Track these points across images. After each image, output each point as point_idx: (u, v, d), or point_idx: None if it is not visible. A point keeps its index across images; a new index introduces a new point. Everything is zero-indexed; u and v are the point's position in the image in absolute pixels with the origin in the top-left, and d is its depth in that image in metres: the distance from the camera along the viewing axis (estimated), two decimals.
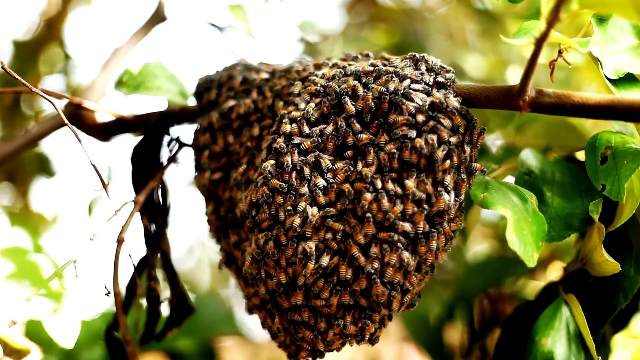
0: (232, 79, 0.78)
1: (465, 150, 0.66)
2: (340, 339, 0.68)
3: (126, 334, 0.73)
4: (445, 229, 0.65)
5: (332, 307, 0.66)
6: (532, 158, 0.76)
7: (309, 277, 0.65)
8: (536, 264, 0.64)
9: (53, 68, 1.62)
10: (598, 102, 0.65)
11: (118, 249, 0.75)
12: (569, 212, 0.71)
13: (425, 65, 0.69)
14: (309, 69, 0.74)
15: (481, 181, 0.69)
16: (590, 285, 0.77)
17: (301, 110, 0.69)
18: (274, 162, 0.67)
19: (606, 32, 0.71)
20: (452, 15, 1.68)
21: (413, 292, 0.67)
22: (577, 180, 0.75)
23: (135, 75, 0.77)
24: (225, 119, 0.76)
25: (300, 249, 0.65)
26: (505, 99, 0.67)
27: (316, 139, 0.67)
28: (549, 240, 0.69)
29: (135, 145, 0.83)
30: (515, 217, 0.64)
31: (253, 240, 0.68)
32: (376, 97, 0.67)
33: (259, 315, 0.73)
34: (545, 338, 0.72)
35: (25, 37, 1.59)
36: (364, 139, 0.66)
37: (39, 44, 1.60)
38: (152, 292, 0.80)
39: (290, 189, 0.66)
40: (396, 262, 0.64)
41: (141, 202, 0.78)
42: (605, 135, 0.72)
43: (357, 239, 0.65)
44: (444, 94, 0.66)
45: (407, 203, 0.64)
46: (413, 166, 0.65)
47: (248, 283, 0.73)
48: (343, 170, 0.66)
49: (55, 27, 1.62)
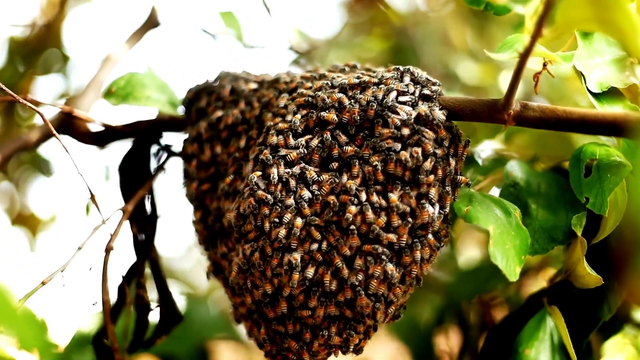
0: (221, 89, 0.78)
1: (450, 163, 0.66)
2: (325, 350, 0.69)
3: (114, 342, 0.74)
4: (429, 240, 0.65)
5: (318, 318, 0.67)
6: (518, 169, 0.76)
7: (295, 288, 0.65)
8: (518, 277, 0.64)
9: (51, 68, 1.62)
10: (582, 117, 0.65)
11: (106, 258, 0.76)
12: (553, 224, 0.71)
13: (411, 77, 0.69)
14: (296, 80, 0.75)
15: (465, 194, 0.69)
16: (575, 295, 0.77)
17: (288, 122, 0.69)
18: (261, 174, 0.68)
19: (591, 45, 0.71)
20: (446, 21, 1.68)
21: (397, 303, 0.68)
22: (562, 192, 0.75)
23: (124, 84, 0.78)
24: (213, 129, 0.77)
25: (286, 260, 0.65)
26: (490, 112, 0.67)
27: (302, 150, 0.67)
28: (532, 253, 0.70)
29: (124, 155, 0.83)
30: (498, 231, 0.65)
31: (240, 251, 0.69)
32: (362, 110, 0.67)
33: (246, 325, 0.73)
34: (528, 349, 0.73)
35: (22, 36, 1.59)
36: (349, 152, 0.67)
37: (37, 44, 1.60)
38: (140, 300, 0.80)
39: (276, 201, 0.66)
40: (380, 274, 0.64)
41: (130, 210, 0.79)
42: (590, 147, 0.72)
43: (342, 250, 0.65)
44: (429, 107, 0.67)
45: (391, 215, 0.64)
46: (398, 179, 0.65)
47: (235, 293, 0.73)
48: (328, 182, 0.66)
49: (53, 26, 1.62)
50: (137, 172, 0.83)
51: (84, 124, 0.91)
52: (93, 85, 1.01)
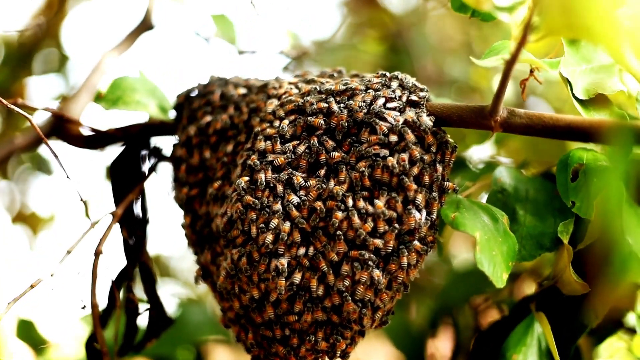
0: (211, 95, 0.79)
1: (437, 169, 0.66)
2: (312, 355, 0.69)
3: (103, 346, 0.74)
4: (415, 246, 0.66)
5: (305, 323, 0.67)
6: (507, 175, 0.76)
7: (282, 294, 0.66)
8: (505, 284, 0.65)
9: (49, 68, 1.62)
10: (568, 124, 0.65)
11: (96, 262, 0.76)
12: (541, 231, 0.72)
13: (399, 83, 0.69)
14: (285, 85, 0.75)
15: (453, 200, 0.70)
16: (562, 301, 0.77)
17: (275, 127, 0.69)
18: (248, 179, 0.68)
19: (578, 51, 0.71)
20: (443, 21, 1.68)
21: (384, 309, 0.68)
22: (551, 199, 0.75)
23: (114, 89, 0.78)
24: (202, 134, 0.77)
25: (273, 265, 0.66)
26: (478, 118, 0.67)
27: (290, 155, 0.68)
28: (520, 259, 0.70)
29: (114, 159, 0.84)
30: (485, 238, 0.65)
31: (228, 256, 0.69)
32: (350, 116, 0.67)
33: (234, 329, 0.74)
34: (516, 354, 0.73)
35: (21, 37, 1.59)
36: (336, 157, 0.67)
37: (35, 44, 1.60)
38: (130, 304, 0.81)
39: (264, 206, 0.66)
40: (367, 280, 0.64)
41: (119, 214, 0.79)
42: (578, 152, 0.72)
43: (329, 256, 0.65)
44: (416, 113, 0.67)
45: (378, 221, 0.64)
46: (384, 185, 0.65)
47: (223, 298, 0.73)
48: (315, 188, 0.66)
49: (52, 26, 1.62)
50: (128, 175, 0.83)
51: (75, 127, 0.92)
52: (86, 88, 1.01)
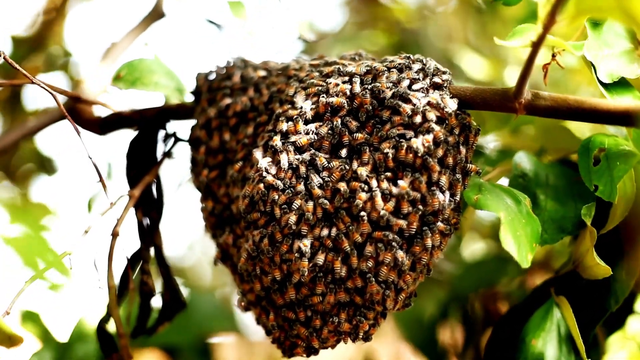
0: (230, 76, 0.78)
1: (460, 151, 0.66)
2: (334, 336, 0.69)
3: (119, 328, 0.74)
4: (439, 228, 0.65)
5: (327, 305, 0.67)
6: (526, 161, 0.76)
7: (305, 275, 0.65)
8: (530, 264, 0.64)
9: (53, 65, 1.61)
10: (593, 106, 0.65)
11: (112, 243, 0.76)
12: (562, 215, 0.72)
13: (422, 66, 0.69)
14: (306, 67, 0.74)
15: (475, 183, 0.69)
16: (582, 287, 0.77)
17: (298, 108, 0.69)
18: (270, 160, 0.67)
19: (600, 36, 0.71)
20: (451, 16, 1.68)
21: (408, 291, 0.68)
22: (570, 184, 0.75)
23: (132, 70, 0.77)
24: (222, 116, 0.77)
25: (296, 246, 0.65)
26: (501, 101, 0.67)
27: (312, 136, 0.67)
28: (542, 243, 0.69)
29: (131, 140, 0.83)
30: (509, 218, 0.65)
31: (249, 237, 0.68)
32: (373, 97, 0.67)
33: (254, 312, 0.73)
34: (535, 339, 0.73)
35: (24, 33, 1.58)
36: (359, 138, 0.66)
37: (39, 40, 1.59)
38: (144, 286, 0.80)
39: (286, 187, 0.66)
40: (390, 261, 0.64)
41: (136, 196, 0.78)
42: (599, 137, 0.72)
43: (353, 237, 0.65)
44: (440, 95, 0.67)
45: (402, 202, 0.64)
46: (408, 166, 0.65)
47: (243, 279, 0.73)
48: (338, 169, 0.66)
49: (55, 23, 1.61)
50: (144, 158, 0.82)
51: (89, 111, 0.91)
52: (98, 74, 1.01)
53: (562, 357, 0.73)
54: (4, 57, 0.70)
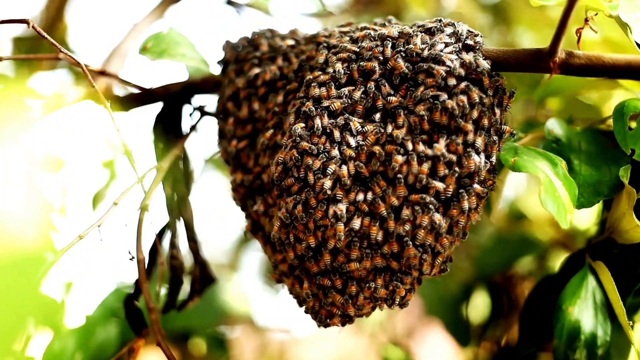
0: (258, 46, 0.77)
1: (495, 113, 0.66)
2: (370, 303, 0.68)
3: (149, 301, 0.73)
4: (476, 190, 0.64)
5: (363, 271, 0.66)
6: (558, 127, 0.76)
7: (341, 240, 0.64)
8: (569, 226, 0.64)
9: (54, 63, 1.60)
10: (629, 63, 0.65)
11: (141, 216, 0.75)
12: (598, 179, 0.71)
13: (454, 29, 0.69)
14: (336, 34, 0.74)
15: (511, 146, 0.69)
16: (615, 255, 0.76)
17: (329, 73, 0.68)
18: (304, 125, 0.67)
19: None
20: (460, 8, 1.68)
21: (444, 254, 0.67)
22: (602, 149, 0.74)
23: (159, 41, 0.77)
24: (250, 86, 0.76)
25: (331, 211, 0.64)
26: (536, 61, 0.67)
27: (345, 100, 0.67)
28: (579, 206, 0.69)
29: (157, 114, 0.82)
30: (547, 180, 0.64)
31: (282, 204, 0.67)
32: (406, 60, 0.66)
33: (287, 282, 0.72)
34: (572, 307, 0.72)
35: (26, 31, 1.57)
36: (393, 102, 0.66)
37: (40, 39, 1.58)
38: (174, 260, 0.79)
39: (320, 152, 0.65)
40: (427, 224, 0.63)
41: (165, 169, 0.77)
42: (633, 102, 0.72)
43: (389, 201, 0.64)
44: (473, 56, 0.66)
45: (438, 165, 0.63)
46: (444, 128, 0.64)
47: (276, 250, 0.72)
48: (373, 132, 0.65)
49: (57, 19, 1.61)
50: (170, 132, 0.82)
51: (110, 89, 0.90)
52: (117, 54, 1.00)
53: (598, 324, 0.72)
54: (32, 26, 0.69)
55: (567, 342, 0.72)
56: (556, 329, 0.73)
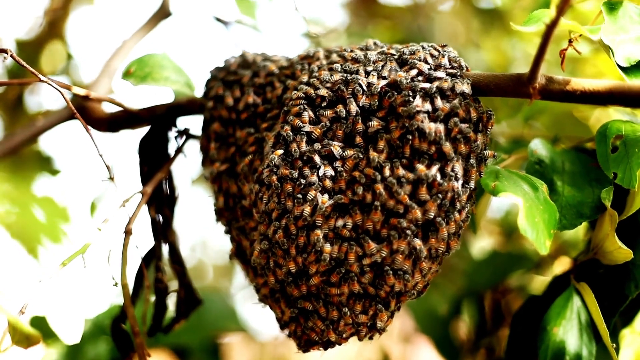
0: (242, 70, 0.78)
1: (476, 138, 0.66)
2: (352, 329, 0.68)
3: (134, 326, 0.73)
4: (455, 217, 0.64)
5: (343, 297, 0.66)
6: (542, 148, 0.76)
7: (321, 266, 0.64)
8: (548, 251, 0.64)
9: (55, 68, 1.61)
10: (608, 89, 0.65)
11: (126, 240, 0.75)
12: (580, 200, 0.71)
13: (435, 52, 0.69)
14: (319, 58, 0.74)
15: (492, 170, 0.69)
16: (600, 276, 0.76)
17: (310, 98, 0.68)
18: (282, 152, 0.67)
19: (616, 21, 0.71)
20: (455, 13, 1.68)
21: (424, 280, 0.67)
22: (586, 170, 0.74)
23: (142, 65, 0.77)
24: (234, 109, 0.76)
25: (312, 237, 0.64)
26: (515, 86, 0.67)
27: (325, 124, 0.67)
28: (561, 228, 0.69)
29: (142, 137, 0.83)
30: (527, 205, 0.64)
31: (262, 230, 0.68)
32: (387, 85, 0.66)
33: (269, 306, 0.72)
34: (557, 327, 0.72)
35: (27, 36, 1.58)
36: (374, 126, 0.66)
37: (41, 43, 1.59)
38: (159, 283, 0.79)
39: (300, 178, 0.65)
40: (405, 249, 0.63)
41: (149, 193, 0.78)
42: (616, 124, 0.71)
43: (367, 225, 0.64)
44: (453, 81, 0.66)
45: (419, 189, 0.63)
46: (423, 153, 0.64)
47: (257, 273, 0.72)
48: (352, 157, 0.65)
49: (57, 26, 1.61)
50: (155, 154, 0.82)
51: (97, 109, 0.91)
52: (105, 72, 1.01)
53: (583, 345, 0.72)
54: (11, 54, 0.69)
55: None
56: (541, 350, 0.73)
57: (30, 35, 1.58)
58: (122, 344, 0.79)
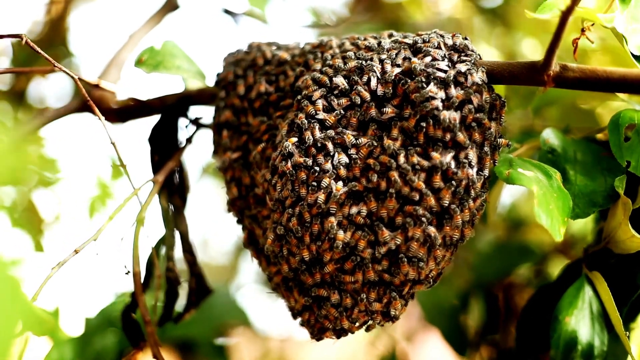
0: (255, 58, 0.78)
1: (490, 126, 0.66)
2: (365, 316, 0.68)
3: (145, 315, 0.73)
4: (469, 204, 0.64)
5: (357, 284, 0.66)
6: (554, 137, 0.76)
7: (335, 253, 0.64)
8: (562, 238, 0.64)
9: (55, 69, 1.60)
10: (622, 76, 0.65)
11: (137, 229, 0.75)
12: (593, 189, 0.71)
13: (449, 41, 0.69)
14: (333, 46, 0.74)
15: (505, 158, 0.69)
16: (612, 265, 0.76)
17: (324, 86, 0.68)
18: (296, 140, 0.66)
19: (629, 10, 0.71)
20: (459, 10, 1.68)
21: (438, 268, 0.67)
22: (598, 159, 0.74)
23: (154, 54, 0.77)
24: (246, 98, 0.76)
25: (326, 225, 0.64)
26: (530, 74, 0.67)
27: (339, 112, 0.67)
28: (574, 217, 0.69)
29: (153, 126, 0.82)
30: (541, 192, 0.64)
31: (276, 217, 0.67)
32: (401, 73, 0.66)
33: (282, 294, 0.72)
34: (569, 317, 0.72)
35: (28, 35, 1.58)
36: (388, 114, 0.66)
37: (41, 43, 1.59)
38: (170, 272, 0.79)
39: (314, 165, 0.65)
40: (420, 236, 0.63)
41: (160, 182, 0.77)
42: (628, 113, 0.71)
43: (382, 213, 0.64)
44: (467, 70, 0.66)
45: (433, 177, 0.63)
46: (438, 141, 0.64)
47: (270, 262, 0.72)
48: (366, 145, 0.65)
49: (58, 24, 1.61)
50: (166, 144, 0.82)
51: (107, 100, 0.90)
52: (114, 64, 1.00)
53: (595, 334, 0.72)
54: (25, 40, 0.69)
55: (564, 352, 0.72)
56: (553, 339, 0.72)
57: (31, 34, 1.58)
58: (133, 333, 0.78)
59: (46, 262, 1.02)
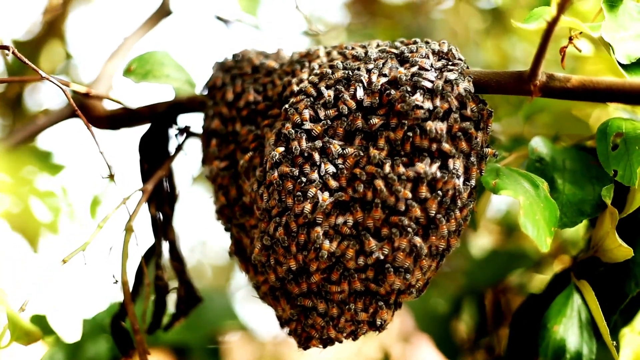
0: (243, 67, 0.78)
1: (476, 135, 0.66)
2: (352, 326, 0.68)
3: (134, 323, 0.73)
4: (456, 214, 0.64)
5: (343, 294, 0.66)
6: (543, 145, 0.76)
7: (321, 263, 0.64)
8: (549, 249, 0.64)
9: (54, 67, 1.61)
10: (608, 86, 0.65)
11: (126, 238, 0.75)
12: (581, 198, 0.71)
13: (436, 49, 0.69)
14: (320, 55, 0.74)
15: (492, 168, 0.69)
16: (600, 274, 0.76)
17: (311, 96, 0.68)
18: (283, 149, 0.67)
19: (617, 18, 0.71)
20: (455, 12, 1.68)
21: (424, 278, 0.67)
22: (587, 168, 0.74)
23: (143, 63, 0.77)
24: (234, 106, 0.76)
25: (312, 235, 0.64)
26: (516, 83, 0.67)
27: (326, 122, 0.67)
28: (562, 226, 0.69)
29: (142, 134, 0.83)
30: (528, 202, 0.64)
31: (262, 227, 0.68)
32: (387, 83, 0.66)
33: (269, 303, 0.72)
34: (557, 325, 0.72)
35: (25, 36, 1.58)
36: (375, 124, 0.66)
37: (39, 44, 1.59)
38: (159, 281, 0.79)
39: (300, 175, 0.65)
40: (406, 246, 0.63)
41: (149, 190, 0.78)
42: (616, 122, 0.71)
43: (368, 223, 0.64)
44: (454, 79, 0.66)
45: (419, 187, 0.63)
46: (424, 151, 0.64)
47: (257, 271, 0.72)
48: (353, 155, 0.65)
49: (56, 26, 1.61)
50: (156, 152, 0.82)
51: (98, 107, 0.91)
52: (106, 70, 1.00)
53: (583, 343, 0.72)
54: (12, 51, 0.69)
55: None
56: (541, 348, 0.73)
57: (29, 35, 1.58)
58: (122, 341, 0.79)
59: (37, 269, 1.02)
